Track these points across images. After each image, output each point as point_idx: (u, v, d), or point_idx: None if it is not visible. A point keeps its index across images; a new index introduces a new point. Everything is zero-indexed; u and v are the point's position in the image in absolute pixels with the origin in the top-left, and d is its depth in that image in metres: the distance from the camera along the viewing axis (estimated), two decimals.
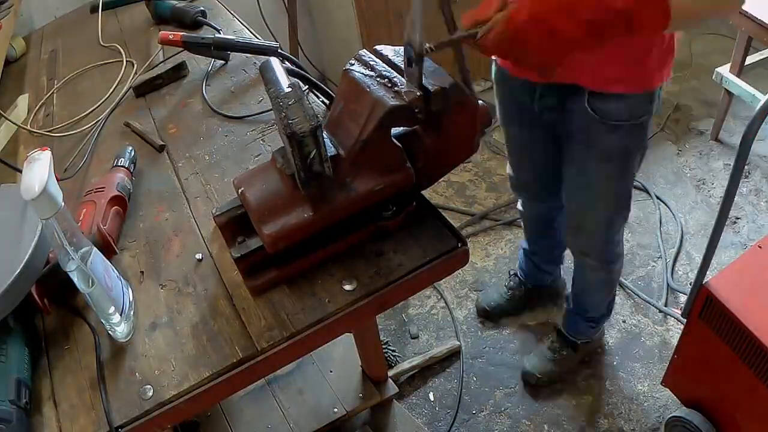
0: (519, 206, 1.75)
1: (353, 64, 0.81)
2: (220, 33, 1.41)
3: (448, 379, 1.81)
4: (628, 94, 1.14)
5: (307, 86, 1.10)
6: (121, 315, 0.77)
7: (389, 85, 0.76)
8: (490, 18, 0.81)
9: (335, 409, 1.53)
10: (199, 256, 0.88)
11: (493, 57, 1.27)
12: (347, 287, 0.78)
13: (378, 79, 0.77)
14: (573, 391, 1.73)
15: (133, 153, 1.07)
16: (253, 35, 1.40)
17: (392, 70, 0.78)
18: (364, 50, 0.83)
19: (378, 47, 0.83)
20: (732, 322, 1.22)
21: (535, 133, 1.40)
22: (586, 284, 1.64)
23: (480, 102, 0.81)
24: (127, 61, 1.42)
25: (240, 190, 0.79)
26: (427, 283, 0.84)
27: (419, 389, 1.80)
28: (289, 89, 0.74)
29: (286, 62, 1.15)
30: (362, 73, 0.79)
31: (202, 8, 1.49)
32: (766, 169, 2.27)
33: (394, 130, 0.79)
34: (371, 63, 0.80)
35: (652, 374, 1.73)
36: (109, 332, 0.78)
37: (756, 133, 1.09)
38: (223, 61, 1.31)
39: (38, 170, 0.66)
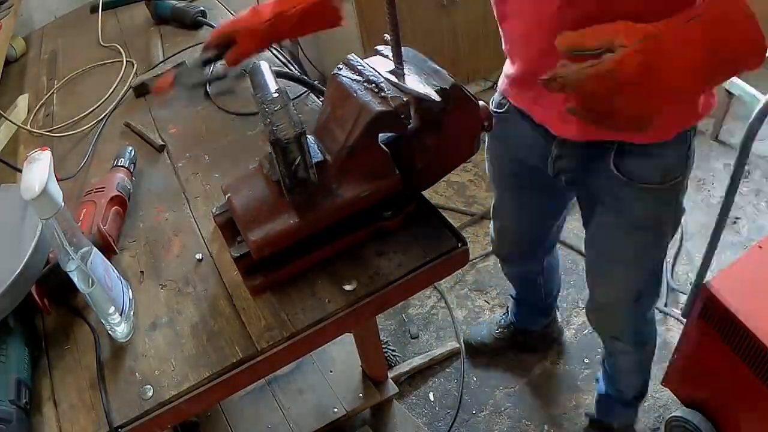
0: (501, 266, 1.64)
1: (341, 69, 0.81)
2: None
3: (448, 379, 1.81)
4: (658, 144, 0.95)
5: (307, 89, 1.10)
6: (121, 315, 0.77)
7: (376, 90, 0.75)
8: (592, 48, 0.65)
9: (335, 409, 1.53)
10: (199, 256, 0.88)
11: (520, 104, 1.06)
12: (347, 287, 0.78)
13: (365, 84, 0.77)
14: (573, 391, 1.73)
15: (133, 153, 1.07)
16: None
17: (380, 76, 0.78)
18: (353, 55, 0.83)
19: (379, 47, 0.83)
20: (732, 322, 1.22)
21: (535, 196, 1.25)
22: (618, 369, 1.47)
23: (480, 102, 0.81)
24: (127, 61, 1.42)
25: (227, 196, 0.79)
26: (427, 283, 0.83)
27: (419, 389, 1.80)
28: (276, 95, 0.74)
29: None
30: (349, 78, 0.78)
31: (202, 8, 1.49)
32: (766, 169, 2.27)
33: (383, 136, 0.79)
34: (359, 68, 0.80)
35: (652, 374, 1.73)
36: (109, 332, 0.78)
37: (756, 133, 1.09)
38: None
39: (38, 170, 0.66)
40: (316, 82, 1.12)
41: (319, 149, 0.78)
